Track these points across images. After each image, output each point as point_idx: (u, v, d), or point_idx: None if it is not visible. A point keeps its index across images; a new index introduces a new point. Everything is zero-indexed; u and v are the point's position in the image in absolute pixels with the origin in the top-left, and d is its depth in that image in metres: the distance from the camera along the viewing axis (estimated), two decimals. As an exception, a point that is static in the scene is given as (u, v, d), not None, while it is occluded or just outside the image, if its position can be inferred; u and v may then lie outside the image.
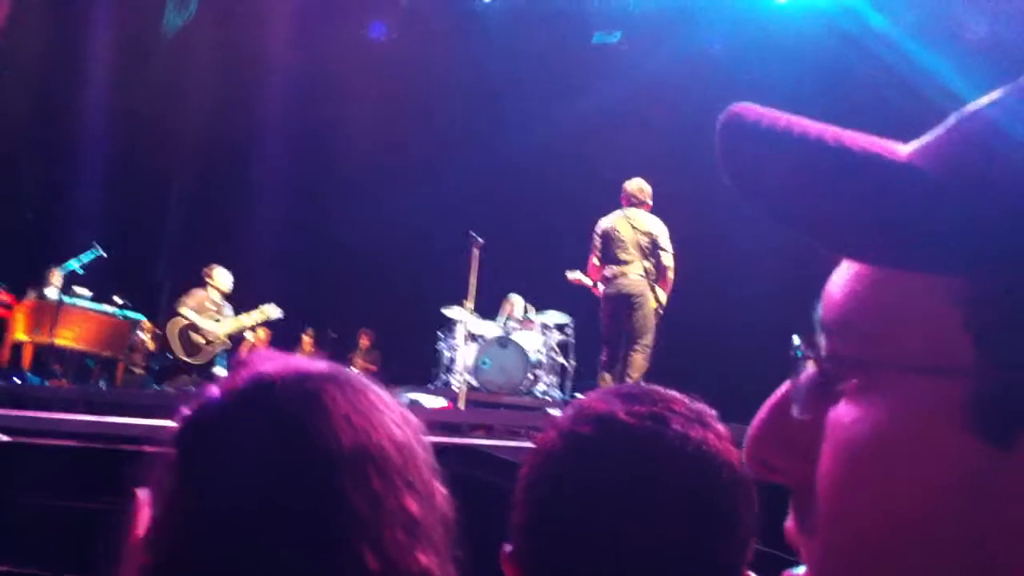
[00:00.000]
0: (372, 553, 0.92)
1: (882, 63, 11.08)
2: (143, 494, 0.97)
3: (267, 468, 0.93)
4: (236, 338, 10.58)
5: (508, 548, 1.02)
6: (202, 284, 10.04)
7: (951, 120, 0.48)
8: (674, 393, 1.04)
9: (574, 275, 8.47)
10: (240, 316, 10.11)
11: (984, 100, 0.47)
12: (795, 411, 0.50)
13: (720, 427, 1.01)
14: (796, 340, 0.51)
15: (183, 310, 9.91)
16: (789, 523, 0.53)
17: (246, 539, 0.91)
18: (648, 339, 7.76)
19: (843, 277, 0.50)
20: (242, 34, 12.98)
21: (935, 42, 10.75)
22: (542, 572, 0.97)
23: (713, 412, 1.03)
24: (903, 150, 0.47)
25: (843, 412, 0.48)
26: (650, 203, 7.98)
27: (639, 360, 7.72)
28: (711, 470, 0.96)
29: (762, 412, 0.53)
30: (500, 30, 12.82)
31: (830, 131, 0.47)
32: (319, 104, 13.12)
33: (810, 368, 0.50)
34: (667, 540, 0.93)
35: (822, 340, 0.51)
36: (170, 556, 0.95)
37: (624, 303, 7.75)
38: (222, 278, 10.04)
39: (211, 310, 9.94)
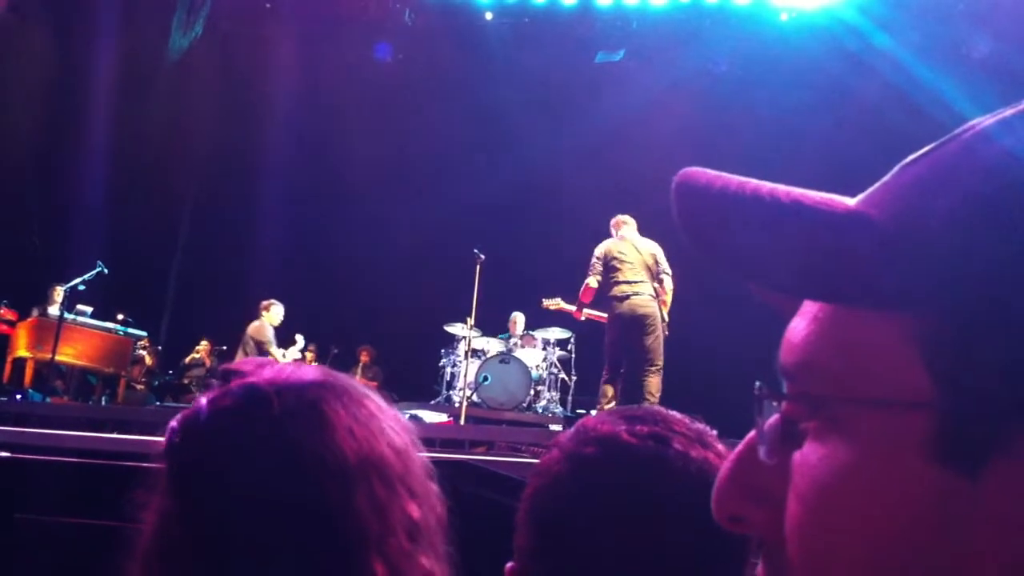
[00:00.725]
0: (379, 561, 0.92)
1: (886, 81, 11.11)
2: None
3: (269, 484, 0.93)
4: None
5: (511, 566, 1.02)
6: (257, 316, 10.75)
7: (894, 170, 0.50)
8: (675, 413, 1.04)
9: (552, 302, 8.55)
10: (290, 350, 10.94)
11: (921, 152, 0.50)
12: (761, 455, 0.51)
13: (720, 447, 1.01)
14: (758, 385, 0.52)
15: (272, 349, 10.52)
16: (760, 572, 0.53)
17: (250, 556, 0.91)
18: (661, 360, 7.79)
19: (802, 321, 0.51)
20: (247, 55, 13.04)
21: (938, 60, 10.78)
22: None
23: (713, 432, 1.03)
24: (850, 202, 0.50)
25: (807, 453, 0.48)
26: (635, 226, 8.15)
27: (655, 381, 7.73)
28: (711, 490, 0.96)
29: (725, 467, 0.54)
30: (504, 49, 12.87)
31: (780, 188, 0.49)
32: (324, 123, 13.16)
33: (774, 412, 0.51)
34: (670, 560, 0.94)
35: (784, 385, 0.51)
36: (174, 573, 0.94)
37: (637, 324, 7.74)
38: (276, 313, 10.80)
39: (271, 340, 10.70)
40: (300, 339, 11.09)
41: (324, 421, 0.95)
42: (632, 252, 7.87)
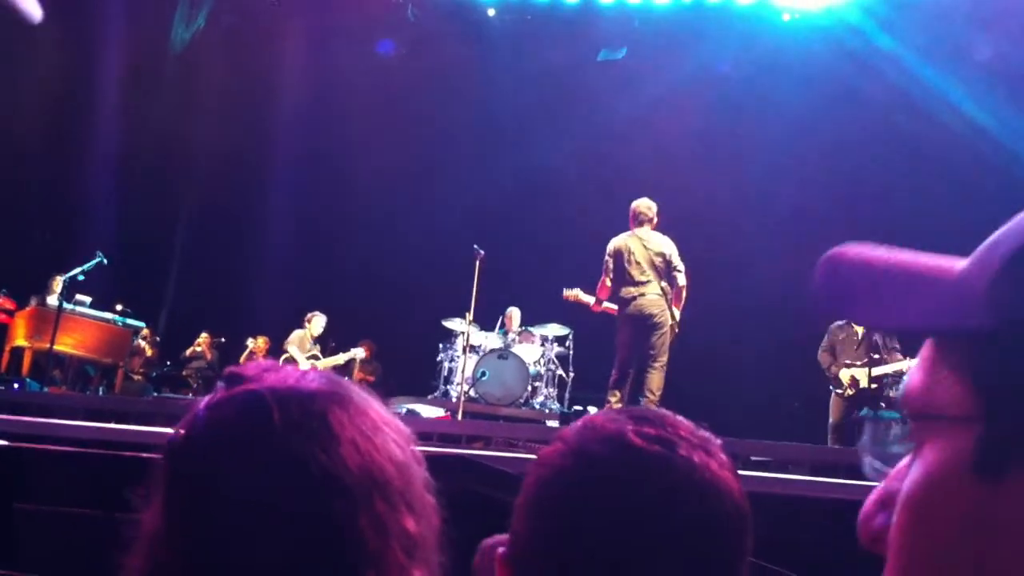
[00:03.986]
0: None
1: (889, 82, 11.11)
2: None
3: (268, 498, 0.91)
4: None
5: (503, 551, 1.02)
6: (301, 326, 11.26)
7: (994, 237, 0.59)
8: (680, 418, 1.04)
9: (572, 292, 8.48)
10: (335, 356, 11.32)
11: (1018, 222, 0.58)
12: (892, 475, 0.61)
13: (723, 456, 1.01)
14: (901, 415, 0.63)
15: (289, 347, 11.02)
16: None
17: (245, 572, 0.90)
18: (665, 358, 7.78)
19: (918, 363, 0.60)
20: (250, 49, 13.04)
21: (941, 62, 10.78)
22: None
23: (717, 441, 1.03)
24: (959, 264, 0.59)
25: (910, 470, 0.58)
26: (656, 220, 7.98)
27: (657, 379, 7.72)
28: (714, 498, 0.97)
29: (876, 488, 0.63)
30: (506, 45, 12.86)
31: (901, 258, 0.60)
32: (325, 118, 13.16)
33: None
34: (669, 562, 0.94)
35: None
36: None
37: (644, 324, 7.74)
38: (318, 324, 11.33)
39: (309, 350, 11.12)
40: (356, 351, 11.36)
41: (329, 434, 0.94)
42: (640, 250, 7.80)
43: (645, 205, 7.99)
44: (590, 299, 8.25)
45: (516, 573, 1.00)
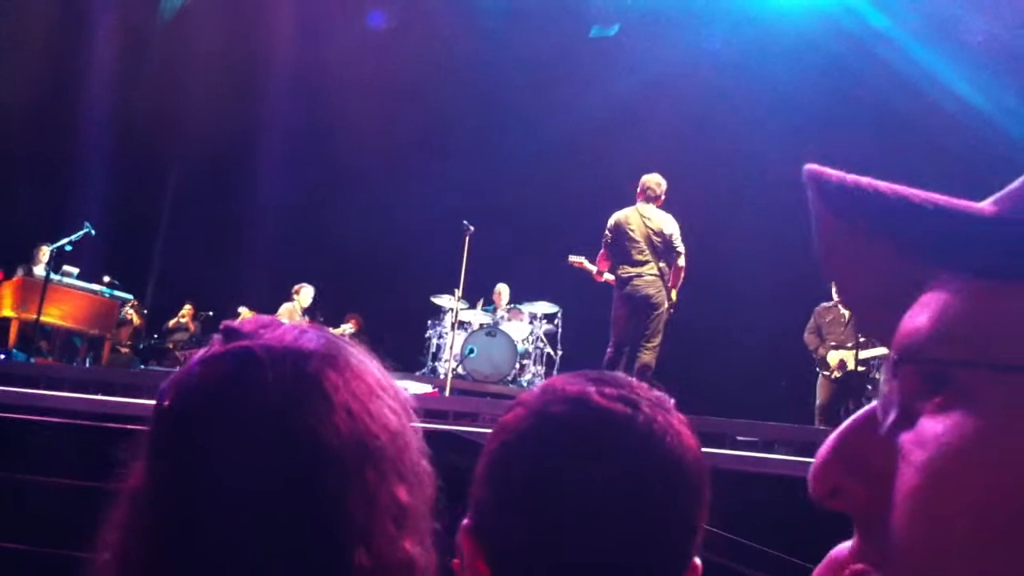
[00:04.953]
0: (363, 550, 0.89)
1: (882, 63, 11.09)
2: None
3: (254, 464, 0.88)
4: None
5: (466, 522, 1.02)
6: (289, 299, 11.31)
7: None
8: (633, 379, 1.05)
9: (577, 259, 8.26)
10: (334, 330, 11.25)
11: None
12: (881, 429, 0.51)
13: (680, 414, 1.02)
14: (894, 355, 0.52)
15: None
16: (854, 546, 0.53)
17: (227, 542, 0.88)
18: (659, 339, 7.72)
19: (928, 305, 0.51)
20: (241, 19, 12.94)
21: (935, 42, 10.76)
22: (506, 549, 0.97)
23: (671, 400, 1.04)
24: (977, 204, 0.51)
25: (928, 427, 0.48)
26: (663, 198, 7.81)
27: (648, 359, 7.67)
28: (675, 454, 0.97)
29: (831, 440, 0.54)
30: (498, 19, 12.79)
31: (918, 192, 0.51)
32: (315, 91, 13.10)
33: (892, 389, 0.52)
34: (637, 518, 0.95)
35: (901, 370, 0.51)
36: (143, 555, 0.91)
37: (641, 304, 7.65)
38: (306, 295, 11.38)
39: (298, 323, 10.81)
40: (346, 327, 11.39)
41: (321, 398, 0.91)
42: (640, 227, 7.66)
43: (654, 181, 7.80)
44: (593, 268, 8.09)
45: (480, 543, 0.99)
